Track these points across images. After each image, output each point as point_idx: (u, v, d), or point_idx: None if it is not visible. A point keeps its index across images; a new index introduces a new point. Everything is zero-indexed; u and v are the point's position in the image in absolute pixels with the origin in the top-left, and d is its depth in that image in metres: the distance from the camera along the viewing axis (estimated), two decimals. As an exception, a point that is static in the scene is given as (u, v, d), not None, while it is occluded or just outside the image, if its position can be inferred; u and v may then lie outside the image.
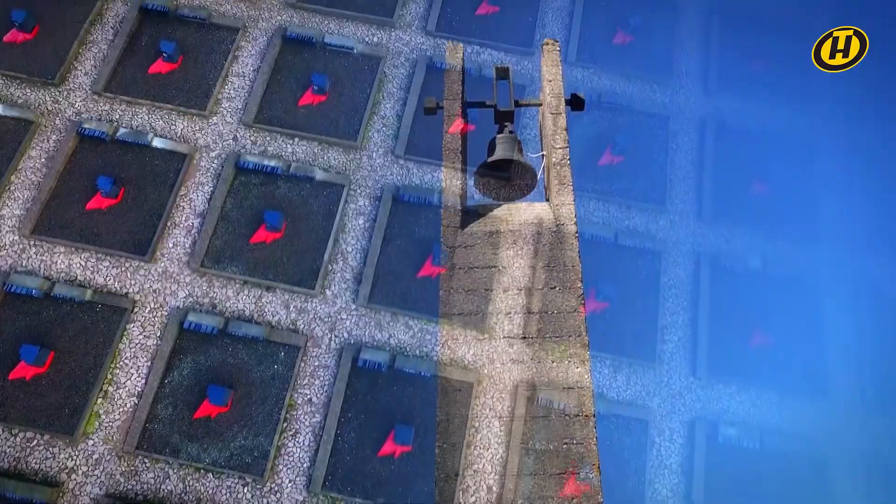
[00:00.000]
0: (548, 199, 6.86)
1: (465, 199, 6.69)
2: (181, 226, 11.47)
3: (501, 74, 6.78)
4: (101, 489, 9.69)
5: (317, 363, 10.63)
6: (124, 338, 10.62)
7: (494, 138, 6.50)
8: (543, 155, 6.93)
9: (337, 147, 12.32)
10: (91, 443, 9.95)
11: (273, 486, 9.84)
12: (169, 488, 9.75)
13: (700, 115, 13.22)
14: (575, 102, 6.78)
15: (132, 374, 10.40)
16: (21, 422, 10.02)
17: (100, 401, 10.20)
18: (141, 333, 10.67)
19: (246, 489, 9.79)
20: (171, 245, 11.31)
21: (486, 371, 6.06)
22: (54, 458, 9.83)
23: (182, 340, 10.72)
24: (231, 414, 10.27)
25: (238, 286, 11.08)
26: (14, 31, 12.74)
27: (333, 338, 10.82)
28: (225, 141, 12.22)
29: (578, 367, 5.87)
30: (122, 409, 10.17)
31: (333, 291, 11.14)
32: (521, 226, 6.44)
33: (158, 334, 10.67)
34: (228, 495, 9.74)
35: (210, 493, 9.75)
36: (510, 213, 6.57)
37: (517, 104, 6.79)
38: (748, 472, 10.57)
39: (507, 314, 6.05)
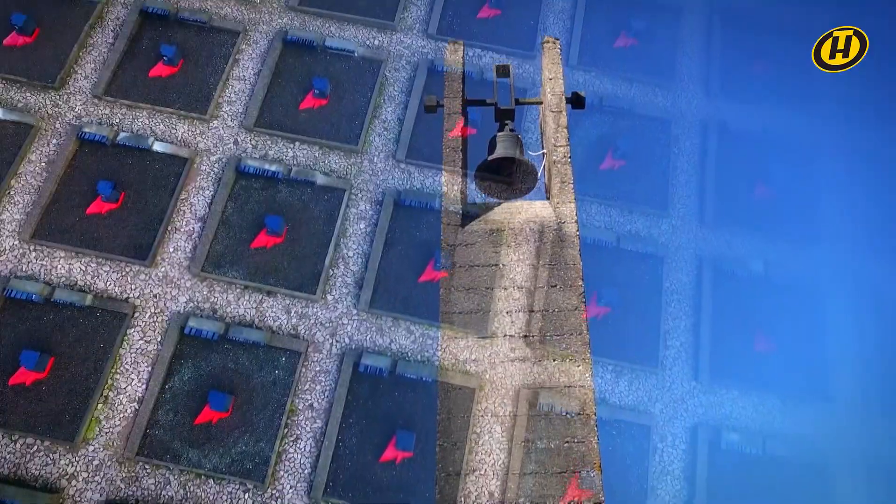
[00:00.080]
0: (548, 198, 6.82)
1: (466, 201, 6.65)
2: (182, 230, 11.44)
3: (502, 72, 6.74)
4: (101, 495, 9.66)
5: (318, 368, 10.59)
6: (125, 343, 10.58)
7: (495, 136, 6.47)
8: (544, 153, 6.89)
9: (338, 151, 12.28)
10: (91, 449, 9.92)
11: (274, 492, 9.81)
12: (170, 494, 9.72)
13: (702, 119, 13.18)
14: (576, 101, 6.74)
15: (133, 380, 10.37)
16: (21, 428, 9.99)
17: (100, 406, 10.17)
18: (141, 339, 10.63)
19: (247, 495, 9.76)
20: (171, 250, 11.27)
21: (487, 376, 6.02)
22: (55, 464, 9.80)
23: (183, 346, 10.69)
24: (232, 419, 10.24)
25: (239, 291, 11.05)
26: (14, 34, 12.71)
27: (335, 343, 10.79)
28: (226, 145, 12.19)
29: (579, 365, 5.84)
30: (122, 415, 10.14)
31: (335, 296, 11.11)
32: (522, 224, 6.40)
33: (159, 339, 10.64)
34: (229, 501, 9.71)
35: (211, 499, 9.72)
36: (511, 212, 6.53)
37: (518, 102, 6.75)
38: (751, 477, 10.53)
39: (508, 313, 6.02)
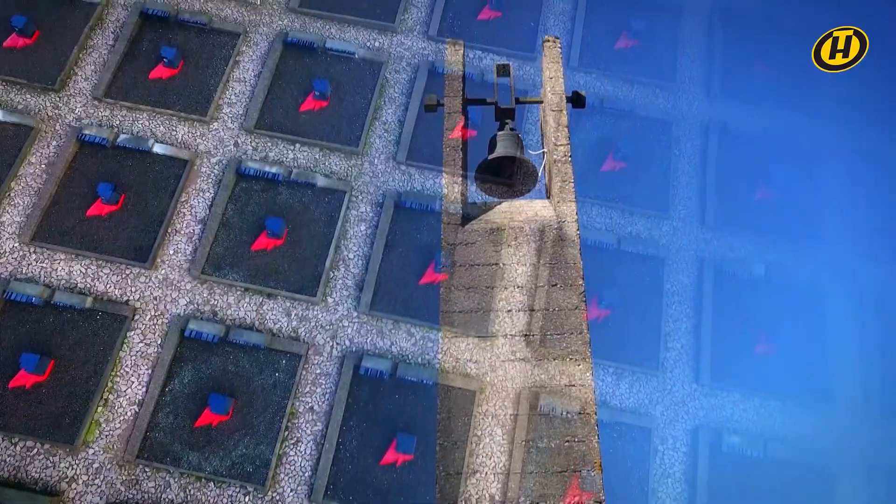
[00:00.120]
0: (549, 197, 6.80)
1: (466, 202, 6.63)
2: (182, 232, 11.42)
3: (502, 71, 6.72)
4: (101, 498, 9.64)
5: (318, 371, 10.58)
6: (125, 346, 10.57)
7: (495, 135, 6.44)
8: (544, 153, 6.86)
9: (338, 153, 12.26)
10: (91, 451, 9.91)
11: (274, 495, 9.80)
12: (170, 497, 9.70)
13: (703, 120, 13.16)
14: (576, 100, 6.72)
15: (133, 383, 10.35)
16: (21, 430, 9.97)
17: (100, 409, 10.15)
18: (142, 341, 10.62)
19: (247, 498, 9.74)
20: (171, 252, 11.26)
21: (488, 378, 6.01)
22: (55, 467, 9.78)
23: (183, 348, 10.67)
24: (232, 422, 10.22)
25: (239, 293, 11.03)
26: (14, 35, 12.69)
27: (335, 345, 10.77)
28: (226, 147, 12.17)
29: (580, 364, 5.82)
30: (122, 418, 10.12)
31: (335, 299, 11.09)
32: (523, 223, 6.38)
33: (159, 342, 10.62)
34: (230, 504, 9.71)
35: (211, 502, 9.70)
36: (511, 211, 6.51)
37: (518, 101, 6.72)
38: (752, 480, 10.52)
39: (509, 312, 6.00)
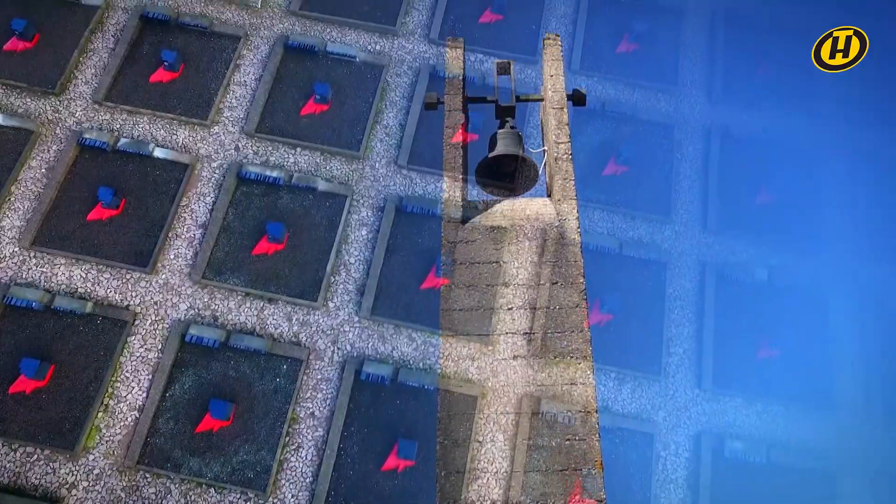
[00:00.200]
0: (549, 195, 6.77)
1: (467, 206, 6.61)
2: (182, 237, 11.39)
3: (503, 70, 6.70)
4: (101, 505, 9.62)
5: (319, 376, 10.54)
6: (125, 351, 10.53)
7: (496, 133, 6.43)
8: (545, 150, 6.84)
9: (339, 157, 12.23)
10: (92, 457, 9.87)
11: (275, 501, 9.76)
12: None
13: (705, 124, 13.13)
14: (577, 98, 6.70)
15: (133, 388, 10.32)
16: (21, 436, 9.93)
17: (100, 415, 10.12)
18: (142, 346, 10.58)
19: (248, 504, 9.72)
20: (172, 256, 11.22)
21: (489, 383, 5.98)
22: (55, 473, 9.74)
23: (183, 353, 10.64)
24: (233, 428, 10.18)
25: (240, 298, 11.00)
26: (14, 39, 12.66)
27: (336, 350, 10.73)
28: (226, 151, 12.14)
29: (580, 362, 5.79)
30: (123, 424, 10.09)
31: (336, 303, 11.05)
32: (523, 221, 6.35)
33: (160, 347, 10.59)
34: (230, 511, 9.67)
35: (212, 508, 9.67)
36: (512, 209, 6.48)
37: (519, 99, 6.70)
38: (754, 485, 10.48)
39: (509, 310, 5.97)
